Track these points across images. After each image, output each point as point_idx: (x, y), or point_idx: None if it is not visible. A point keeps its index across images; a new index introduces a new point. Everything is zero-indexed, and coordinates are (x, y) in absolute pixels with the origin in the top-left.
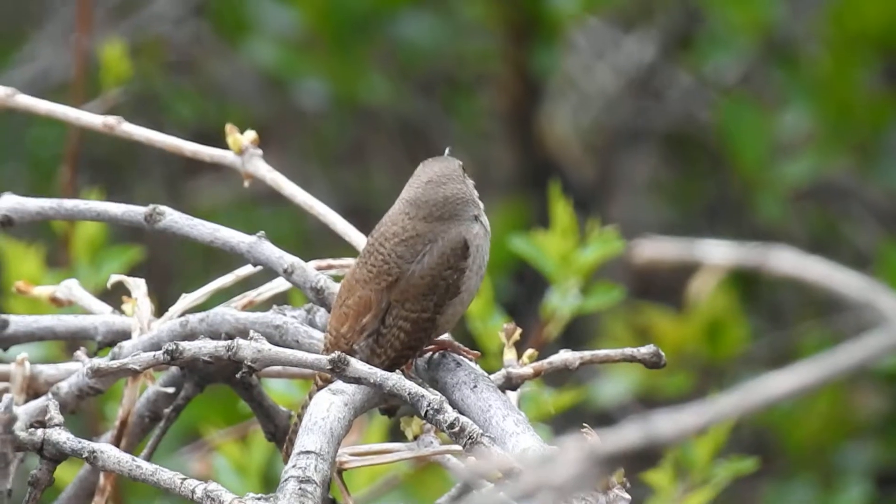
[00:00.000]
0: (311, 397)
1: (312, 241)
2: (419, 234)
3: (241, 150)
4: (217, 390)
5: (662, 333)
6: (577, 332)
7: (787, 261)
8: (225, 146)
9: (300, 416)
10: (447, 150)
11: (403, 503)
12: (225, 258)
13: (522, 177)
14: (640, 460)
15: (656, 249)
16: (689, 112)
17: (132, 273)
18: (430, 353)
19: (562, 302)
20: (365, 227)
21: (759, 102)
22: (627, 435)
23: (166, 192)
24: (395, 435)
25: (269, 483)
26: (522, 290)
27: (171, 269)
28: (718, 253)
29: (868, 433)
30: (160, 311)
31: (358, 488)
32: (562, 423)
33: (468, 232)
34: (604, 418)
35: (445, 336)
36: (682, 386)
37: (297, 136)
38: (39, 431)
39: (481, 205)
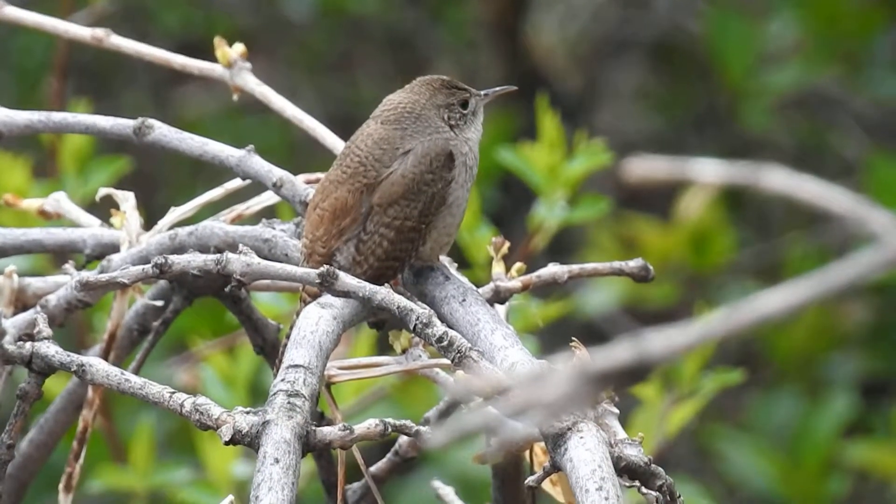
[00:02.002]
0: (298, 315)
1: (300, 149)
2: (387, 138)
3: (229, 63)
4: (205, 302)
5: (648, 244)
6: (563, 243)
7: (779, 179)
8: (212, 56)
9: (289, 335)
10: None
11: (391, 417)
12: (212, 168)
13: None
14: (629, 376)
15: (647, 167)
16: (676, 21)
17: (118, 183)
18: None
19: (549, 214)
20: (351, 135)
21: (747, 11)
22: (618, 353)
23: (153, 99)
24: (383, 348)
25: (257, 394)
26: (509, 199)
27: (158, 178)
28: (709, 171)
29: (854, 344)
30: (148, 221)
31: (345, 400)
32: (549, 334)
33: (455, 148)
34: (590, 328)
35: (443, 258)
36: (669, 296)
37: (285, 45)
38: (28, 345)
39: (469, 128)
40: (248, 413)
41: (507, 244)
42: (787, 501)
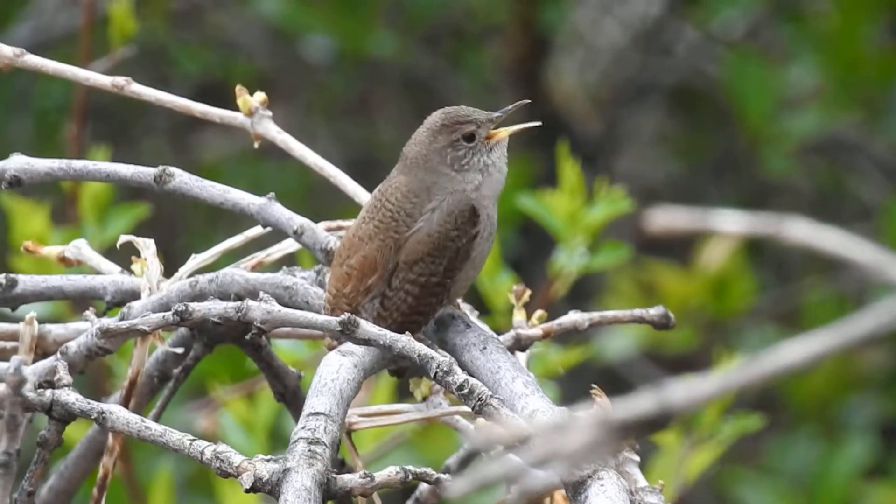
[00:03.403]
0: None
1: (319, 194)
2: (415, 191)
3: (250, 111)
4: (225, 348)
5: (668, 289)
6: (583, 288)
7: (801, 229)
8: (231, 98)
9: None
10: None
11: (411, 464)
12: (232, 214)
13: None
14: (651, 425)
15: (669, 218)
16: (696, 66)
17: (138, 229)
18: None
19: (569, 261)
20: (369, 180)
21: (766, 57)
22: (640, 403)
23: (172, 145)
24: (403, 394)
25: (276, 440)
26: (529, 245)
27: (178, 224)
28: (731, 221)
29: (872, 387)
30: (168, 268)
31: (365, 447)
32: (569, 379)
33: (477, 201)
34: (610, 373)
35: (463, 306)
36: (688, 341)
37: (303, 89)
38: (48, 392)
39: (480, 163)
40: (268, 461)
41: (528, 292)
42: None
